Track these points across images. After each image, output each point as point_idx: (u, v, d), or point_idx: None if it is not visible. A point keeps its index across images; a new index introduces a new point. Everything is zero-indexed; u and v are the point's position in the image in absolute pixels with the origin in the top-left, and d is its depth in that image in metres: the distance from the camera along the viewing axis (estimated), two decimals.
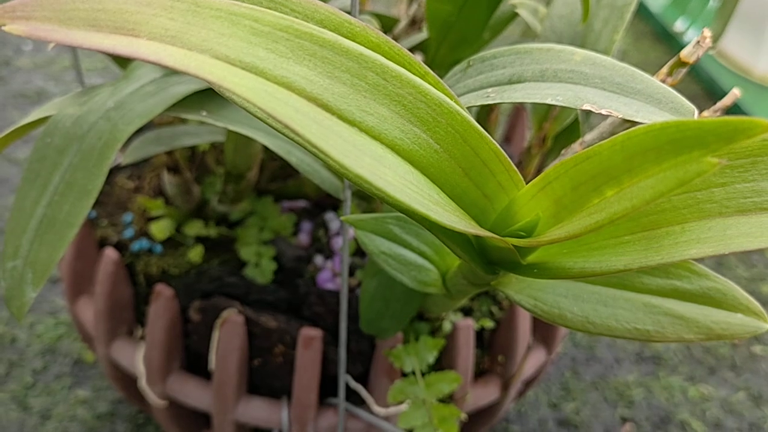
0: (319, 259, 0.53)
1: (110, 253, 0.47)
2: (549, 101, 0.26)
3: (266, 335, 0.46)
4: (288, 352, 0.47)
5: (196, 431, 0.53)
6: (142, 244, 0.53)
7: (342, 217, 0.35)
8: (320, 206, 0.58)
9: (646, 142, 0.20)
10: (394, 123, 0.23)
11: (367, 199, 0.43)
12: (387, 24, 0.50)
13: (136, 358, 0.49)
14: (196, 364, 0.49)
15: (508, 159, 0.25)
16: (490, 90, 0.30)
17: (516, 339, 0.49)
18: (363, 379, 0.48)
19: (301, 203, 0.57)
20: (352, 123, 0.22)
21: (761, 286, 0.94)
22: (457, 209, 0.25)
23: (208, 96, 0.36)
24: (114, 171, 0.61)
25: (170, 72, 0.36)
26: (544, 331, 0.53)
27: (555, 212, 0.25)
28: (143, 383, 0.48)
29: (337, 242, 0.54)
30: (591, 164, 0.22)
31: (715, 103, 0.33)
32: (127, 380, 0.53)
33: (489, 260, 0.28)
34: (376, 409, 0.46)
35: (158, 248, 0.53)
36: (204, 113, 0.35)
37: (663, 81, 0.35)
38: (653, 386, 0.78)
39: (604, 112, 0.26)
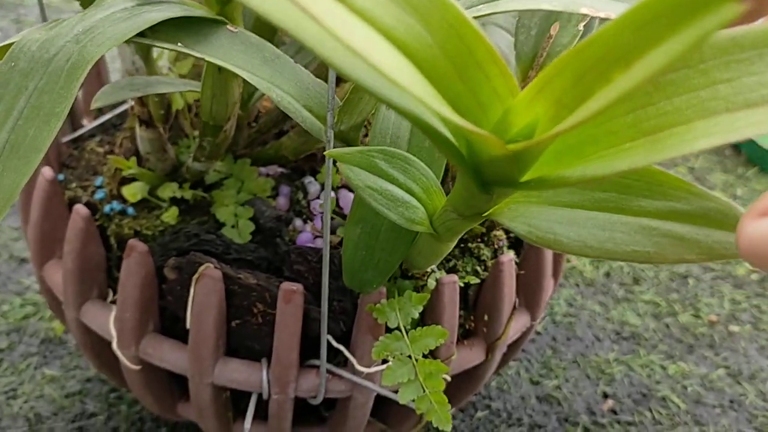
0: (298, 222, 0.52)
1: (80, 209, 0.45)
2: (545, 6, 0.25)
3: (245, 293, 0.44)
4: (268, 312, 0.45)
5: (170, 400, 0.51)
6: (114, 206, 0.51)
7: (326, 152, 0.34)
8: (298, 171, 0.56)
9: (657, 8, 0.18)
10: (387, 8, 0.22)
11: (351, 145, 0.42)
12: None
13: (108, 321, 0.47)
14: (171, 328, 0.48)
15: (504, 62, 0.24)
16: (481, 6, 0.29)
17: (501, 298, 0.48)
18: (345, 340, 0.46)
19: (278, 169, 0.55)
20: (342, 2, 0.21)
21: (736, 269, 0.94)
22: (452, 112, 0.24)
23: (183, 26, 0.34)
24: (84, 137, 0.59)
25: (143, 1, 0.34)
26: (528, 294, 0.52)
27: (555, 113, 0.24)
28: (115, 346, 0.46)
29: (317, 204, 0.52)
30: (595, 48, 0.21)
31: None
32: (98, 347, 0.51)
33: (484, 179, 0.27)
34: (359, 368, 0.45)
35: (131, 210, 0.51)
36: (179, 44, 0.33)
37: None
38: (633, 364, 0.77)
39: (602, 14, 0.25)
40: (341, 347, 0.45)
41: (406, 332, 0.43)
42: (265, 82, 0.35)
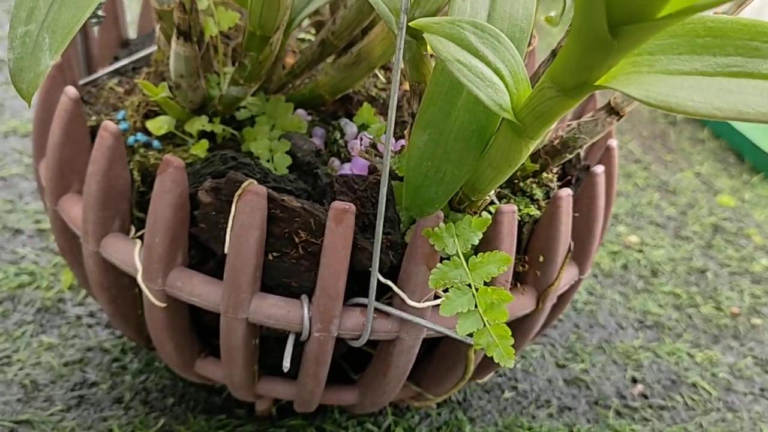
0: (336, 162, 0.48)
1: (109, 125, 0.41)
2: None
3: (288, 219, 0.41)
4: (311, 242, 0.41)
5: (190, 352, 0.47)
6: (139, 137, 0.47)
7: (411, 23, 0.30)
8: (331, 115, 0.53)
9: None
10: None
11: (417, 66, 0.38)
12: None
13: (132, 253, 0.43)
14: (199, 264, 0.43)
15: None
16: None
17: (557, 238, 0.45)
18: (392, 276, 0.42)
19: (307, 117, 0.52)
20: None
21: (753, 266, 0.92)
22: None
23: None
24: (101, 80, 0.55)
25: None
26: (578, 242, 0.48)
27: None
28: (140, 279, 0.42)
29: (355, 144, 0.49)
30: None
31: None
32: (116, 287, 0.46)
33: (614, 16, 0.24)
34: (411, 303, 0.41)
35: (156, 143, 0.47)
36: None
37: None
38: (660, 351, 0.74)
39: None
40: (389, 282, 0.42)
41: (465, 260, 0.40)
42: None
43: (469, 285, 0.39)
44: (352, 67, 0.48)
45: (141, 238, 0.45)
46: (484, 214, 0.43)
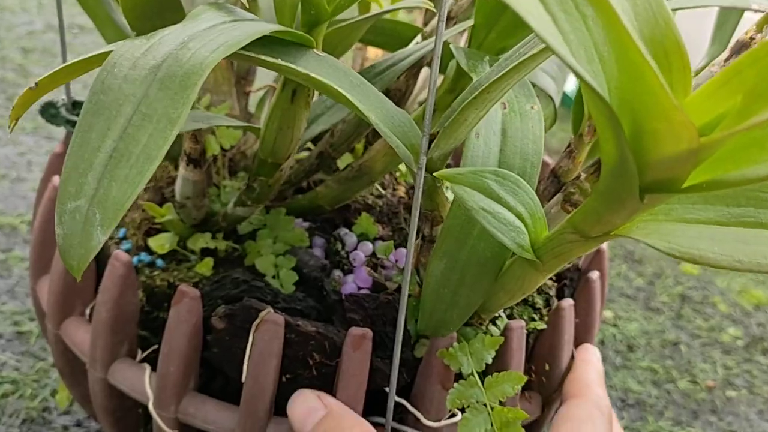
0: (337, 273, 0.49)
1: (120, 255, 0.42)
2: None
3: (302, 342, 0.41)
4: (324, 364, 0.42)
5: None
6: (142, 257, 0.47)
7: (436, 173, 0.32)
8: (329, 223, 0.54)
9: None
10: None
11: (431, 196, 0.39)
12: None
13: (143, 380, 0.42)
14: (206, 386, 0.43)
15: (687, 53, 0.23)
16: None
17: (561, 347, 0.46)
18: (403, 392, 0.43)
19: (304, 223, 0.53)
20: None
21: (721, 335, 0.95)
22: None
23: (273, 46, 0.32)
24: None
25: (236, 18, 0.32)
26: (577, 345, 0.50)
27: (744, 106, 0.23)
28: (152, 407, 0.42)
29: (357, 256, 0.50)
30: None
31: None
32: (121, 408, 0.46)
33: (643, 182, 0.26)
34: (427, 423, 0.41)
35: (160, 262, 0.48)
36: (280, 59, 0.32)
37: (752, 38, 0.34)
38: (644, 431, 0.76)
39: None
40: (403, 401, 0.42)
41: (481, 379, 0.41)
42: (362, 105, 0.33)
43: (485, 404, 0.40)
44: (353, 181, 0.49)
45: (147, 359, 0.45)
46: (492, 328, 0.44)
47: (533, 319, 0.47)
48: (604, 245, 0.53)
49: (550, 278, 0.50)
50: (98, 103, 0.27)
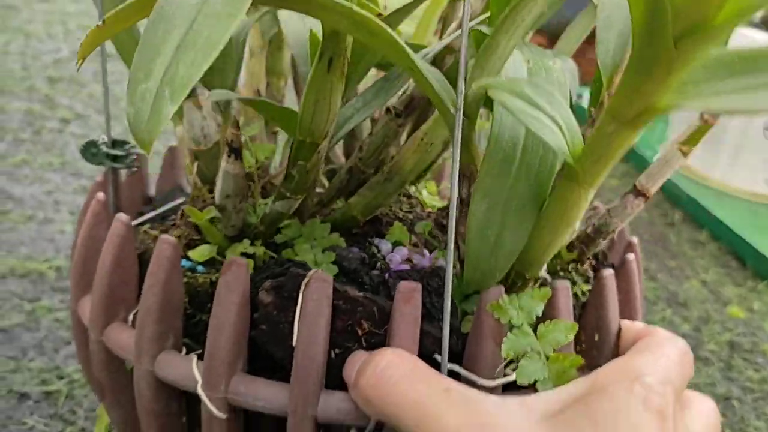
0: (376, 272, 0.49)
1: (167, 238, 0.42)
2: None
3: (351, 309, 0.41)
4: (374, 333, 0.41)
5: None
6: (183, 263, 0.48)
7: (474, 84, 0.34)
8: (363, 237, 0.55)
9: None
10: None
11: (467, 147, 0.41)
12: None
13: (190, 365, 0.42)
14: (255, 370, 0.43)
15: None
16: None
17: (608, 315, 0.45)
18: (455, 361, 0.42)
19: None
20: None
21: None
22: None
23: None
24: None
25: None
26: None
27: None
28: (200, 389, 0.41)
29: (393, 257, 0.50)
30: None
31: (678, 206, 0.34)
32: (166, 412, 0.45)
33: (675, 31, 0.28)
34: (482, 382, 0.40)
35: (201, 268, 0.48)
36: None
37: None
38: None
39: None
40: (455, 366, 0.41)
41: (533, 329, 0.40)
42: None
43: (538, 353, 0.39)
44: (384, 184, 0.51)
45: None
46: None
47: (575, 295, 0.47)
48: (633, 239, 0.54)
49: (590, 263, 0.50)
50: (162, 11, 0.30)
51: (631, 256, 0.49)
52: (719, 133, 1.52)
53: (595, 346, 0.46)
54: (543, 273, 0.45)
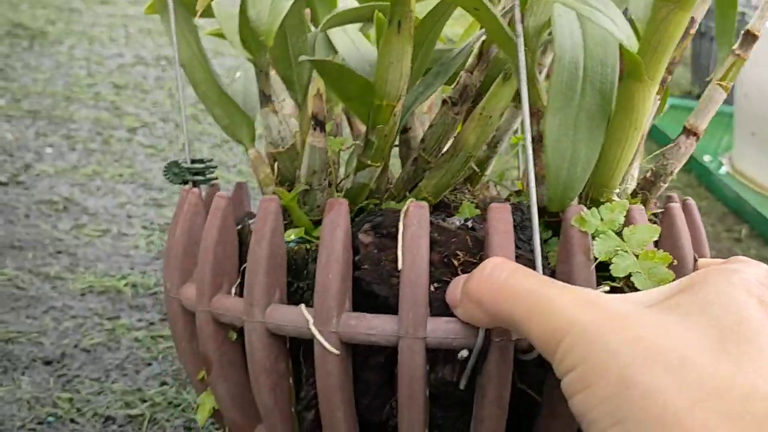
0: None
1: (269, 198, 0.47)
2: None
3: (445, 241, 0.45)
4: (469, 263, 0.44)
5: (381, 403, 0.46)
6: None
7: None
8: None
9: None
10: None
11: (532, 83, 0.46)
12: None
13: (300, 309, 0.45)
14: (362, 309, 0.45)
15: None
16: None
17: (682, 244, 0.48)
18: None
19: None
20: None
21: None
22: None
23: None
24: None
25: None
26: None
27: None
28: (312, 325, 0.43)
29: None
30: None
31: (744, 221, 0.38)
32: (276, 370, 0.47)
33: None
34: None
35: (291, 244, 0.52)
36: None
37: None
38: None
39: None
40: None
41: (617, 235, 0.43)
42: None
43: (626, 251, 0.42)
44: (450, 161, 0.56)
45: None
46: None
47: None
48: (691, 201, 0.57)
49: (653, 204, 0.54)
50: None
51: (689, 199, 0.53)
52: None
53: (675, 270, 0.48)
54: (617, 200, 0.48)
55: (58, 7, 1.90)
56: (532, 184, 0.42)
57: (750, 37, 0.48)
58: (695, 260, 0.50)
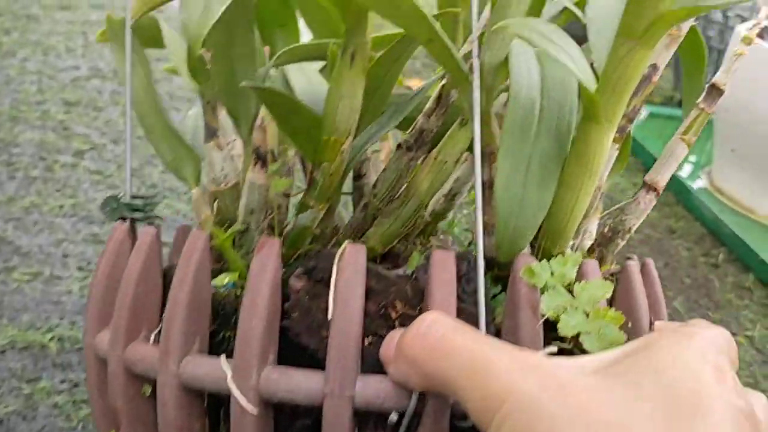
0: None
1: (198, 234, 0.43)
2: None
3: (383, 290, 0.41)
4: (407, 316, 0.41)
5: None
6: None
7: (495, 26, 0.36)
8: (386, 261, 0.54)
9: None
10: None
11: (486, 124, 0.43)
12: None
13: (219, 361, 0.40)
14: (288, 360, 0.41)
15: None
16: None
17: (639, 305, 0.45)
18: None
19: None
20: None
21: None
22: None
23: None
24: None
25: None
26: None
27: None
28: (230, 380, 0.39)
29: None
30: None
31: (721, 243, 0.37)
32: (188, 427, 0.42)
33: None
34: None
35: (225, 288, 0.48)
36: None
37: None
38: None
39: None
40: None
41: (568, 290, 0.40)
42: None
43: (576, 308, 0.39)
44: (401, 208, 0.52)
45: None
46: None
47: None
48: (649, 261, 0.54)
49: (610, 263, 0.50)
50: None
51: (648, 260, 0.50)
52: (766, 163, 1.42)
53: (628, 332, 0.45)
54: (570, 252, 0.45)
55: (14, 13, 1.74)
56: (479, 229, 0.39)
57: (715, 91, 0.46)
58: (651, 323, 0.46)
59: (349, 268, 0.39)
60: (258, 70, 0.54)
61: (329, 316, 0.39)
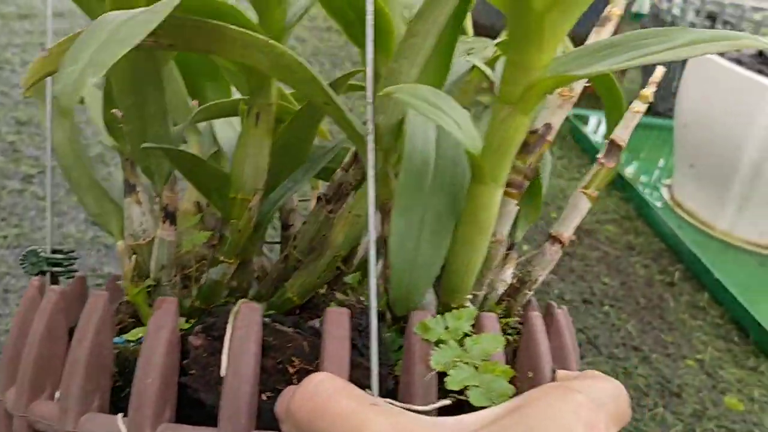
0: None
1: (99, 293, 0.43)
2: None
3: (280, 346, 0.41)
4: (304, 370, 0.41)
5: None
6: (116, 340, 0.48)
7: (383, 91, 0.37)
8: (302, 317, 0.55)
9: None
10: None
11: (384, 182, 0.44)
12: None
13: (116, 420, 0.40)
14: (187, 417, 0.41)
15: None
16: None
17: (541, 355, 0.46)
18: (390, 394, 0.41)
19: None
20: None
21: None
22: None
23: None
24: None
25: None
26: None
27: None
28: None
29: None
30: None
31: (679, 260, 0.38)
32: None
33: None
34: (417, 408, 0.40)
35: (134, 344, 0.48)
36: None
37: None
38: None
39: None
40: (389, 401, 0.41)
41: (460, 345, 0.40)
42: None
43: (466, 363, 0.39)
44: (318, 260, 0.53)
45: None
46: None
47: (507, 342, 0.47)
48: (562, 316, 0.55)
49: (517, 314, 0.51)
50: (91, 29, 0.34)
51: (557, 308, 0.51)
52: (726, 181, 1.43)
53: (529, 383, 0.45)
54: (469, 305, 0.45)
55: None
56: (372, 284, 0.39)
57: (614, 147, 0.47)
58: (554, 372, 0.47)
59: (243, 326, 0.40)
60: (172, 128, 0.55)
61: (222, 373, 0.39)
